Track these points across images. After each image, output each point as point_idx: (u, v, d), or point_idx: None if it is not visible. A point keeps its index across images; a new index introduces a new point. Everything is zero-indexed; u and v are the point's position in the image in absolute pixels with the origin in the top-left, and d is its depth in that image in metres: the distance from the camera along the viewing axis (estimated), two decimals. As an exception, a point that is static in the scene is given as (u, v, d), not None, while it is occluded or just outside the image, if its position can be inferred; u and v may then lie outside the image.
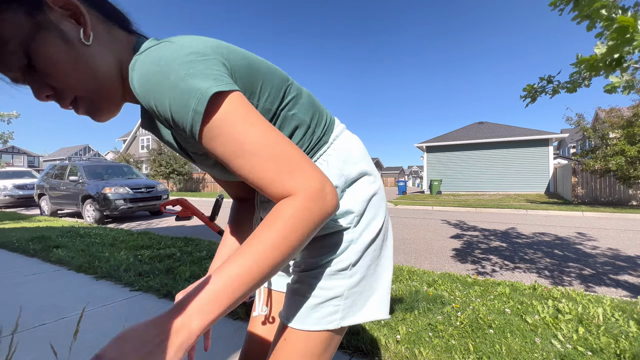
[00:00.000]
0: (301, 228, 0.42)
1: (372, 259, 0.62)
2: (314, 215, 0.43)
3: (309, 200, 0.42)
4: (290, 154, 0.44)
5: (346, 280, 0.59)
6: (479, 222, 6.99)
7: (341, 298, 0.59)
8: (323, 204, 0.44)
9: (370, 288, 0.62)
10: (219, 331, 1.80)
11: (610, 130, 9.96)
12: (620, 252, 4.05)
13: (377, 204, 0.64)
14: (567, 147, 32.62)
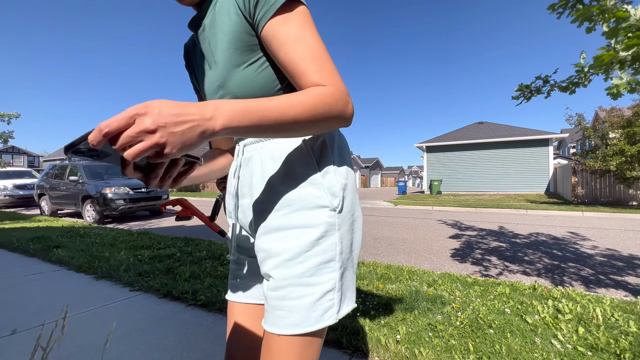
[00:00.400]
0: (323, 105, 0.50)
1: (351, 247, 0.64)
2: (337, 104, 0.52)
3: (337, 92, 0.52)
4: (332, 64, 0.54)
5: (336, 272, 0.59)
6: (479, 222, 6.99)
7: (334, 291, 0.59)
8: (345, 104, 0.53)
9: (352, 278, 0.64)
10: (218, 331, 1.80)
11: (610, 130, 9.96)
12: (620, 252, 4.05)
13: (354, 191, 0.66)
14: (567, 147, 32.62)
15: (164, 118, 0.38)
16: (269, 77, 0.61)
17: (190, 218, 2.11)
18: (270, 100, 0.48)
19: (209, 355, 1.57)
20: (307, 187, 0.60)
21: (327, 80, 0.52)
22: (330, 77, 0.53)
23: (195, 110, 0.41)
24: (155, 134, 0.38)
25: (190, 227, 6.15)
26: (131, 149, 0.38)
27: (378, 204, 11.88)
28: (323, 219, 0.59)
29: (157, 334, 1.77)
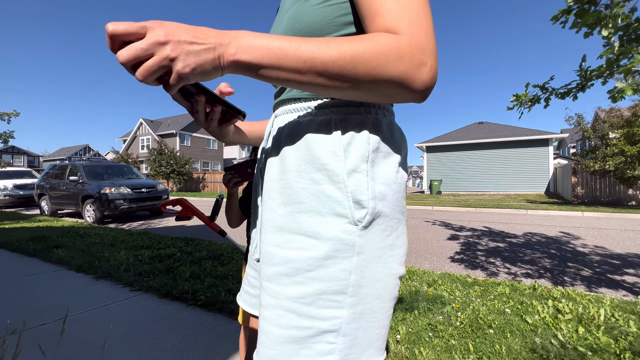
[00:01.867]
0: (378, 58, 0.36)
1: (388, 288, 0.46)
2: (401, 61, 0.37)
3: (408, 46, 0.37)
4: (423, 11, 0.39)
5: (344, 310, 0.43)
6: (479, 222, 6.99)
7: (337, 334, 0.42)
8: (417, 64, 0.37)
9: (379, 325, 0.45)
10: (218, 331, 1.80)
11: (610, 130, 9.96)
12: (620, 252, 4.05)
13: (397, 207, 0.48)
14: (567, 147, 32.63)
15: (178, 34, 0.36)
16: (329, 14, 0.46)
17: (190, 218, 2.12)
18: (308, 40, 0.38)
19: (209, 356, 1.57)
20: (324, 184, 0.44)
21: (405, 27, 0.38)
22: (410, 24, 0.38)
23: (213, 34, 0.38)
24: (166, 46, 0.35)
25: (190, 227, 6.15)
26: (142, 66, 0.35)
27: (378, 204, 11.85)
28: (336, 233, 0.43)
29: (157, 334, 1.77)
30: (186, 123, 30.68)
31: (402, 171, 0.49)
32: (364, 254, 0.43)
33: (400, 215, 0.48)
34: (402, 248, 0.48)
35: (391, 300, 0.47)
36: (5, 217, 7.24)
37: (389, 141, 0.48)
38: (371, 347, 0.45)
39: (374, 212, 0.44)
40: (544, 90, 2.10)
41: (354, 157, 0.44)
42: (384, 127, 0.48)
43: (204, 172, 25.20)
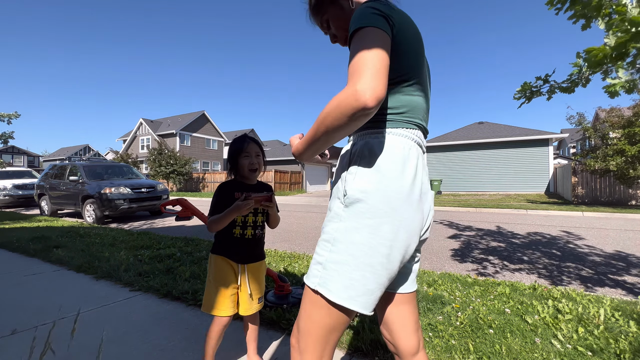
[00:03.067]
0: (332, 106, 0.61)
1: (361, 253, 0.68)
2: (346, 100, 0.58)
3: (348, 90, 0.59)
4: (369, 67, 0.59)
5: (327, 252, 0.71)
6: (479, 222, 6.99)
7: (321, 266, 0.71)
8: (353, 98, 0.57)
9: (350, 277, 0.68)
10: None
11: (611, 130, 9.96)
12: (620, 252, 4.05)
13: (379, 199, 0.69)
14: (567, 147, 32.62)
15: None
16: None
17: (190, 218, 2.12)
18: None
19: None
20: (339, 182, 0.76)
21: (351, 82, 0.59)
22: (355, 78, 0.59)
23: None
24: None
25: (190, 227, 6.15)
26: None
27: (378, 204, 11.86)
28: (334, 208, 0.74)
29: (157, 334, 1.77)
30: (186, 123, 30.68)
31: (386, 175, 0.69)
32: (344, 222, 0.71)
33: (386, 207, 0.68)
34: (385, 231, 0.68)
35: (367, 265, 0.67)
36: (5, 217, 7.24)
37: (374, 154, 0.72)
38: (341, 286, 0.68)
39: (354, 198, 0.70)
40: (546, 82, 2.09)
41: (351, 166, 0.74)
42: (371, 145, 0.73)
43: (204, 172, 25.18)
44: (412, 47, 0.72)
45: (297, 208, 10.69)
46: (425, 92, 0.78)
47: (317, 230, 5.96)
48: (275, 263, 3.19)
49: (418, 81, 0.74)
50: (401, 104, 0.73)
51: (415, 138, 0.75)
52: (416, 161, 0.73)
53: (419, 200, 0.72)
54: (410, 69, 0.72)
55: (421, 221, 0.73)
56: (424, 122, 0.78)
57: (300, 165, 24.41)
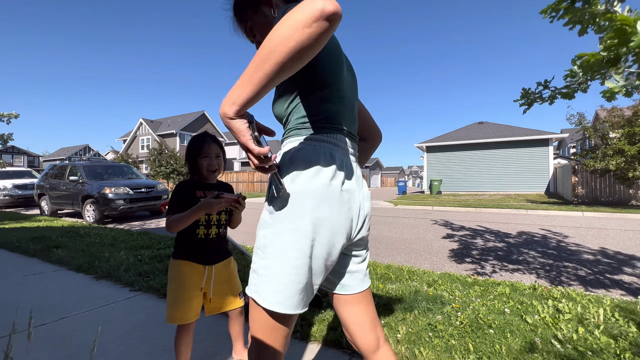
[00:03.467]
0: (288, 18, 0.53)
1: (285, 256, 0.69)
2: (304, 8, 0.52)
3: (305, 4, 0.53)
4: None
5: (258, 259, 0.73)
6: (479, 222, 6.99)
7: (255, 274, 0.73)
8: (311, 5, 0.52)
9: (277, 281, 0.70)
10: (218, 331, 1.80)
11: (611, 129, 9.96)
12: (621, 252, 4.05)
13: (296, 202, 0.71)
14: (567, 147, 32.62)
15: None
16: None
17: (190, 218, 2.11)
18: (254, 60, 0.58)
19: (209, 355, 1.57)
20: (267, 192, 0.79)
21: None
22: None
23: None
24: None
25: (190, 227, 6.15)
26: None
27: (378, 204, 11.88)
28: (262, 216, 0.77)
29: (157, 334, 1.77)
30: (186, 123, 30.68)
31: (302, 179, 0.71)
32: (270, 228, 0.73)
33: (303, 209, 0.70)
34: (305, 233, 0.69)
35: (292, 267, 0.69)
36: (5, 217, 7.24)
37: (291, 162, 0.74)
38: (270, 291, 0.70)
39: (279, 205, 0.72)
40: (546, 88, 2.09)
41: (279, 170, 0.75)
42: (291, 153, 0.75)
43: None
44: (331, 56, 0.74)
45: (297, 208, 10.68)
46: (347, 98, 0.80)
47: (317, 230, 5.95)
48: (275, 263, 3.19)
49: (337, 88, 0.76)
50: (319, 112, 0.75)
51: (337, 142, 0.76)
52: (337, 163, 0.74)
53: (341, 201, 0.73)
54: (328, 78, 0.74)
55: (347, 220, 0.74)
56: (347, 127, 0.79)
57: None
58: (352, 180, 0.77)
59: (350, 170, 0.78)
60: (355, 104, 0.86)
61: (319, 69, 0.72)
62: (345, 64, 0.80)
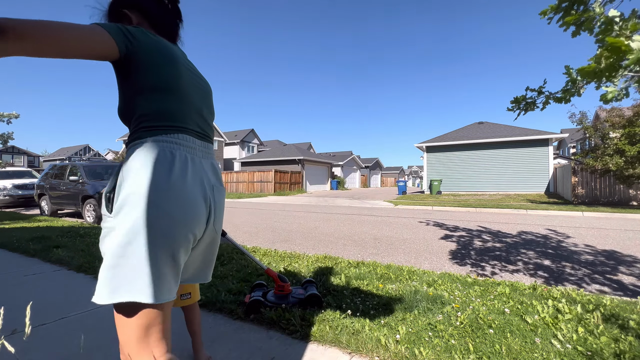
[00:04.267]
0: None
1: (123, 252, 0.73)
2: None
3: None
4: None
5: (105, 262, 0.75)
6: (479, 222, 6.99)
7: (109, 274, 0.74)
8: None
9: (122, 276, 0.73)
10: (218, 331, 1.80)
11: (611, 129, 9.96)
12: (620, 252, 4.05)
13: (134, 200, 0.75)
14: (567, 147, 32.61)
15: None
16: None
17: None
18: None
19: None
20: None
21: None
22: None
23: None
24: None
25: (190, 227, 6.15)
26: None
27: (378, 204, 11.88)
28: (103, 223, 0.81)
29: (157, 334, 1.77)
30: (186, 123, 30.62)
31: (138, 179, 0.76)
32: (113, 231, 0.76)
33: (136, 209, 0.74)
34: (137, 227, 0.73)
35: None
36: (5, 217, 7.24)
37: (129, 165, 0.79)
38: (111, 287, 0.73)
39: (117, 207, 0.77)
40: (541, 94, 2.09)
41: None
42: (128, 156, 0.81)
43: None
44: (162, 61, 0.83)
45: (297, 208, 10.69)
46: (190, 101, 0.89)
47: (317, 230, 5.96)
48: (275, 263, 3.19)
49: (174, 91, 0.85)
50: (155, 112, 0.82)
51: (178, 141, 0.83)
52: (176, 161, 0.80)
53: (178, 197, 0.78)
54: (160, 82, 0.82)
55: (185, 215, 0.79)
56: (192, 127, 0.88)
57: (300, 165, 24.41)
58: (199, 176, 0.86)
59: (198, 167, 0.87)
60: (206, 109, 0.96)
61: (151, 75, 0.81)
62: (187, 71, 0.91)
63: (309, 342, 1.67)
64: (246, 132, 38.60)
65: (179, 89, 0.87)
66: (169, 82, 0.84)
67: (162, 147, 0.80)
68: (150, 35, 0.85)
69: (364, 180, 41.55)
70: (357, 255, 3.92)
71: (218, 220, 0.93)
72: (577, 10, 1.68)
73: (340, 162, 32.30)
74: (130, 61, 0.79)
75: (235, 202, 13.54)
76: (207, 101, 0.99)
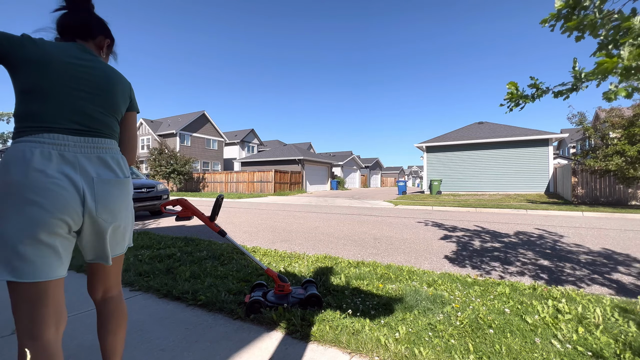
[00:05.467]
0: None
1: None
2: None
3: None
4: None
5: None
6: (479, 222, 6.99)
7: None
8: None
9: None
10: (218, 331, 1.81)
11: (611, 130, 9.96)
12: (620, 252, 4.05)
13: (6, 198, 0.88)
14: (567, 147, 32.62)
15: None
16: None
17: (191, 218, 2.12)
18: None
19: (209, 355, 1.57)
20: None
21: None
22: None
23: None
24: None
25: (190, 227, 6.15)
26: None
27: (378, 204, 11.88)
28: None
29: (157, 334, 1.78)
30: (186, 123, 30.68)
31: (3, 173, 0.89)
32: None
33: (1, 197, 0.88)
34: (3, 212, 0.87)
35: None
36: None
37: (2, 161, 0.90)
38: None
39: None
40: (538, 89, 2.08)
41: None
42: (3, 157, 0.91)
43: (204, 172, 25.17)
44: (32, 65, 0.91)
45: (297, 208, 10.69)
46: (58, 98, 0.96)
47: (317, 230, 5.96)
48: (275, 263, 3.19)
49: (40, 92, 0.93)
50: (24, 114, 0.94)
51: (42, 140, 0.91)
52: (34, 158, 0.89)
53: (35, 187, 0.87)
54: (26, 84, 0.92)
55: (43, 202, 0.87)
56: (60, 124, 0.95)
57: (300, 165, 24.41)
58: (67, 169, 0.94)
59: (67, 161, 0.94)
60: (92, 105, 1.03)
61: (19, 76, 0.92)
62: (64, 72, 0.97)
63: (309, 342, 1.67)
64: (246, 132, 38.62)
65: (47, 90, 0.94)
66: (35, 85, 0.93)
67: (21, 148, 0.90)
68: (45, 44, 0.96)
69: (364, 180, 41.56)
70: (357, 255, 3.92)
71: (103, 208, 1.00)
72: (578, 15, 1.68)
73: (340, 162, 32.31)
74: (7, 64, 0.92)
75: (235, 202, 13.55)
76: (99, 97, 1.05)
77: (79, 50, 1.04)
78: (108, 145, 1.06)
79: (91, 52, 1.09)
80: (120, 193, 1.06)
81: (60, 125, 0.95)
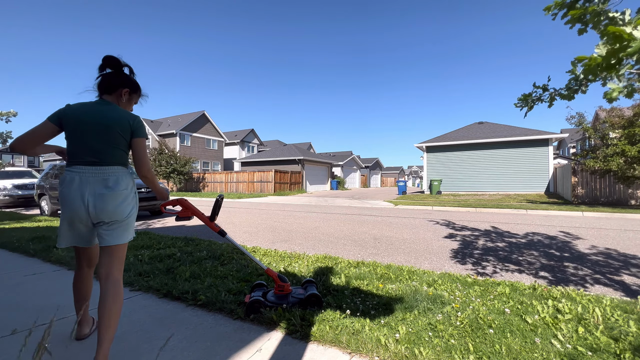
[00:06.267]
0: None
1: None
2: None
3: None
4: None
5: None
6: (478, 222, 6.99)
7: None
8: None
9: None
10: (218, 331, 1.80)
11: (611, 130, 9.95)
12: (620, 252, 4.05)
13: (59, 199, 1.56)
14: (567, 147, 32.61)
15: None
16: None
17: (191, 218, 2.12)
18: None
19: (209, 355, 1.57)
20: None
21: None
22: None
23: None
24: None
25: (190, 227, 6.15)
26: None
27: (378, 204, 11.87)
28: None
29: (157, 334, 1.78)
30: (186, 123, 30.67)
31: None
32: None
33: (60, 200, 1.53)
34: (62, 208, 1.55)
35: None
36: (5, 217, 7.24)
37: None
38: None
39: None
40: (546, 90, 2.09)
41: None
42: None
43: (204, 172, 25.16)
44: (70, 123, 1.48)
45: (297, 208, 10.69)
46: (81, 141, 1.48)
47: (317, 230, 5.96)
48: (275, 263, 3.19)
49: (73, 139, 1.49)
50: (67, 152, 1.51)
51: (72, 169, 1.48)
52: (68, 179, 1.48)
53: (71, 196, 1.46)
54: (67, 135, 1.50)
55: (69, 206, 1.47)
56: (82, 158, 1.48)
57: (300, 165, 24.41)
58: (79, 186, 1.46)
59: (81, 182, 1.46)
60: (99, 143, 1.49)
61: (65, 131, 1.50)
62: (85, 124, 1.48)
63: (309, 342, 1.67)
64: (246, 132, 38.60)
65: (77, 138, 1.48)
66: (70, 135, 1.49)
67: (64, 173, 1.50)
68: (72, 108, 1.50)
69: (364, 180, 41.54)
70: (357, 255, 3.92)
71: (100, 212, 1.47)
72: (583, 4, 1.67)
73: (340, 162, 32.30)
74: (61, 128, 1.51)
75: (235, 202, 13.54)
76: (104, 136, 1.49)
77: (99, 105, 1.54)
78: (111, 170, 1.51)
79: (108, 102, 1.56)
80: (115, 201, 1.50)
81: (80, 159, 1.48)
